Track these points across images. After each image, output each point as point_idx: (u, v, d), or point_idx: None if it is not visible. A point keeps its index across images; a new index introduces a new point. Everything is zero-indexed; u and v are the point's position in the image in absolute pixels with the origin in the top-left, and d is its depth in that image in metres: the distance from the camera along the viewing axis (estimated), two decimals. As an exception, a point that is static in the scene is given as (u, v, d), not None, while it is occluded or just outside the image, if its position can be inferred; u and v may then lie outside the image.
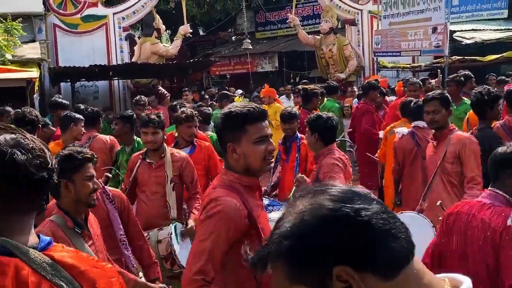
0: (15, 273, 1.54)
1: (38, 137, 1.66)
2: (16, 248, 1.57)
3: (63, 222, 3.37)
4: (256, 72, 25.44)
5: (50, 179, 1.65)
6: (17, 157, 1.56)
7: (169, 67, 18.04)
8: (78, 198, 3.49)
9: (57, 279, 1.57)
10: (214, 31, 28.96)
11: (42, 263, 1.58)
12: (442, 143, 5.21)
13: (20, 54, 14.10)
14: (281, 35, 26.67)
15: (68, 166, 3.43)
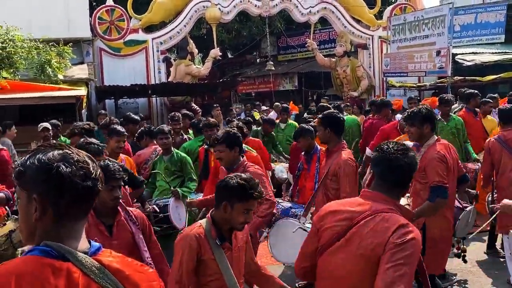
0: (67, 276, 1.55)
1: None
2: (69, 253, 1.58)
3: (209, 231, 3.32)
4: (278, 91, 25.49)
5: (95, 187, 1.65)
6: (62, 169, 1.59)
7: (200, 86, 18.18)
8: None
9: (105, 282, 1.58)
10: (241, 54, 29.11)
11: (92, 267, 1.58)
12: (329, 159, 5.23)
13: (70, 75, 14.37)
14: (300, 57, 26.71)
15: None
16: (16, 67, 12.09)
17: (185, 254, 3.25)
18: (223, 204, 3.29)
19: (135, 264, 1.73)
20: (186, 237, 3.30)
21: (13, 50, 11.69)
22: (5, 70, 11.88)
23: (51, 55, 13.03)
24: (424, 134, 4.98)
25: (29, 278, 1.51)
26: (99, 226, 3.63)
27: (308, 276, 3.01)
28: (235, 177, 3.34)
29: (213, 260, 3.28)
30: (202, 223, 3.38)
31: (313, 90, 25.81)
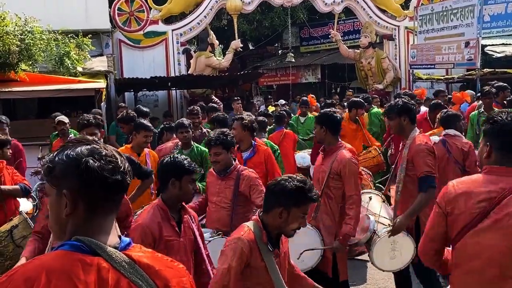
0: (97, 271, 1.58)
1: None
2: (99, 248, 1.61)
3: (260, 235, 3.22)
4: (300, 83, 25.39)
5: (124, 181, 1.69)
6: (90, 164, 1.63)
7: (221, 79, 18.18)
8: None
9: (134, 277, 1.61)
10: (262, 45, 29.03)
11: (122, 262, 1.61)
12: (328, 157, 5.18)
13: (89, 67, 14.47)
14: (323, 49, 26.54)
15: None
16: (34, 59, 12.19)
17: (235, 259, 3.14)
18: (279, 211, 3.15)
19: (165, 259, 1.76)
20: (237, 241, 3.18)
21: (31, 42, 11.79)
22: (24, 62, 11.99)
23: (70, 47, 13.12)
24: (403, 126, 5.09)
25: (59, 274, 1.55)
26: (171, 221, 3.73)
27: (435, 258, 2.97)
28: (291, 180, 3.18)
29: (263, 267, 3.19)
30: (250, 226, 3.25)
31: (336, 82, 25.65)
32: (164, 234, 3.64)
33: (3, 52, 11.28)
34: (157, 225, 3.63)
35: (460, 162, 6.30)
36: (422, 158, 4.83)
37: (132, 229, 3.72)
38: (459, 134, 6.51)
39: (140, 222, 3.67)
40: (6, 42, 11.25)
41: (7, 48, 11.25)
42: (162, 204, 3.73)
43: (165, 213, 3.69)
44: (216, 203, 4.89)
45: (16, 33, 11.62)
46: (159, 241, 3.62)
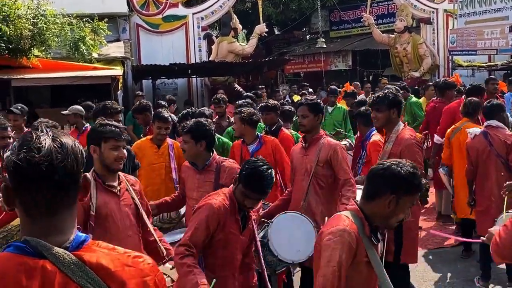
0: (42, 275, 1.53)
1: None
2: (45, 249, 1.55)
3: (362, 227, 3.01)
4: (329, 71, 25.24)
5: (49, 174, 1.56)
6: (10, 158, 1.57)
7: (244, 66, 18.16)
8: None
9: (84, 281, 1.55)
10: (289, 30, 28.92)
11: (70, 265, 1.55)
12: (314, 147, 5.27)
13: (105, 53, 14.56)
14: (355, 33, 26.34)
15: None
16: (48, 44, 12.30)
17: (344, 255, 2.88)
18: (389, 199, 2.95)
19: (126, 257, 1.68)
20: (343, 233, 2.92)
21: (45, 26, 11.89)
22: (37, 47, 12.11)
23: (85, 32, 13.20)
24: (391, 119, 5.21)
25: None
26: (237, 215, 3.94)
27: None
28: (403, 165, 3.01)
29: (366, 262, 2.98)
30: (349, 216, 3.04)
31: (369, 70, 25.45)
32: (227, 224, 3.84)
33: (14, 37, 11.41)
34: (226, 213, 3.84)
35: (503, 156, 6.20)
36: (413, 154, 4.93)
37: (199, 207, 3.88)
38: (502, 126, 6.39)
39: (211, 202, 3.83)
40: (18, 26, 11.36)
41: (19, 32, 11.37)
42: (233, 197, 3.91)
43: (233, 206, 3.89)
44: (197, 199, 4.70)
45: (28, 17, 11.73)
46: (221, 229, 3.82)
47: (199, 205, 3.91)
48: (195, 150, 4.87)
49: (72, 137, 1.69)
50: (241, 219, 3.95)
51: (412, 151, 4.99)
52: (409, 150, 4.99)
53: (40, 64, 12.23)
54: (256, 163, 3.87)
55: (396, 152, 5.02)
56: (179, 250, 3.72)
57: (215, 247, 3.87)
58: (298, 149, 5.48)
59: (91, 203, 3.74)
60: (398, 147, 5.06)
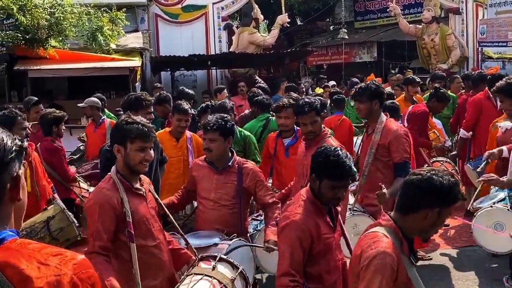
0: None
1: None
2: None
3: (401, 245, 2.88)
4: (353, 63, 25.07)
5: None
6: None
7: (266, 57, 18.12)
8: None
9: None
10: (312, 20, 28.76)
11: None
12: (315, 147, 5.08)
13: (123, 44, 14.66)
14: (380, 24, 26.10)
15: None
16: (65, 34, 12.42)
17: (385, 280, 2.77)
18: (431, 211, 2.83)
19: (44, 254, 1.62)
20: (384, 256, 2.78)
21: (62, 16, 11.99)
22: (54, 38, 12.22)
23: (103, 22, 13.29)
24: (373, 111, 5.44)
25: None
26: (326, 217, 3.69)
27: None
28: (442, 175, 2.89)
29: (407, 283, 2.88)
30: (385, 233, 2.89)
31: (395, 61, 25.19)
32: (320, 232, 3.57)
33: (31, 27, 11.52)
34: (314, 222, 3.56)
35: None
36: (401, 144, 5.25)
37: (284, 226, 3.58)
38: None
39: (295, 219, 3.52)
40: (35, 16, 11.47)
41: (36, 22, 11.48)
42: (314, 199, 3.63)
43: (318, 208, 3.63)
44: (214, 200, 4.61)
45: (45, 6, 11.85)
46: (317, 241, 3.54)
47: (282, 224, 3.60)
48: (223, 148, 4.64)
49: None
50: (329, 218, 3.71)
51: (401, 142, 5.26)
52: (397, 140, 5.25)
53: (57, 54, 12.33)
54: (326, 152, 3.60)
55: (384, 143, 5.29)
56: (283, 282, 3.43)
57: (315, 259, 3.60)
58: (303, 147, 5.34)
59: (125, 209, 3.54)
60: (386, 137, 5.29)
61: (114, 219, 3.53)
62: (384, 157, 5.33)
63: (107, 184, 3.66)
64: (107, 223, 3.50)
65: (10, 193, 1.63)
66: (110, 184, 3.64)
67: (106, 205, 3.53)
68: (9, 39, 11.69)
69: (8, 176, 1.61)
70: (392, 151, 5.28)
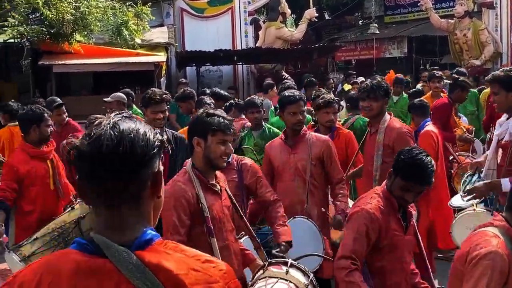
0: (100, 275, 1.51)
1: None
2: (106, 247, 1.53)
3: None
4: (383, 58, 24.89)
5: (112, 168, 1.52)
6: (75, 146, 1.54)
7: (293, 52, 18.06)
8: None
9: (141, 283, 1.50)
10: (340, 15, 28.60)
11: (129, 265, 1.51)
12: (301, 143, 5.12)
13: (148, 38, 14.71)
14: (411, 19, 25.86)
15: None
16: (90, 29, 12.47)
17: (493, 283, 2.62)
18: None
19: (193, 260, 1.60)
20: (494, 256, 2.63)
21: (87, 10, 12.05)
22: (79, 32, 12.29)
23: (128, 16, 13.34)
24: (383, 109, 5.36)
25: (54, 278, 1.51)
26: (397, 214, 3.66)
27: None
28: None
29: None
30: (496, 233, 2.74)
31: (426, 57, 24.95)
32: (389, 227, 3.56)
33: (56, 22, 11.60)
34: (385, 216, 3.56)
35: None
36: (406, 143, 5.05)
37: (353, 213, 3.63)
38: None
39: (367, 208, 3.55)
40: (60, 10, 11.54)
41: (61, 17, 11.55)
42: (389, 194, 3.63)
43: (391, 205, 3.61)
44: None
45: (70, 1, 11.91)
46: (385, 234, 3.54)
47: (352, 212, 3.66)
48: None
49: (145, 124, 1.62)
50: (401, 218, 3.67)
51: (406, 140, 5.12)
52: (402, 138, 5.13)
53: (82, 49, 12.41)
54: (412, 152, 3.58)
55: (388, 143, 5.18)
56: (344, 264, 3.42)
57: (381, 252, 3.60)
58: (278, 145, 5.21)
59: (201, 204, 3.51)
60: (390, 137, 5.19)
61: (189, 213, 3.51)
62: (388, 157, 5.10)
63: (182, 177, 3.63)
64: (183, 217, 3.49)
65: (151, 190, 1.61)
66: (186, 178, 3.61)
67: (181, 199, 3.51)
68: (34, 33, 11.81)
69: (150, 172, 1.58)
70: (397, 151, 5.17)
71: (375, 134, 5.31)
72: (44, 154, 5.47)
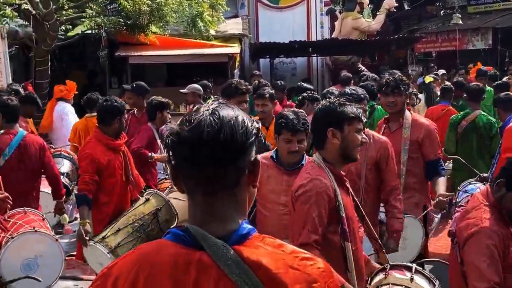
0: (197, 269, 1.49)
1: None
2: (204, 240, 1.50)
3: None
4: (465, 50, 24.24)
5: (212, 153, 1.51)
6: (172, 132, 1.55)
7: (370, 44, 17.88)
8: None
9: (240, 280, 1.47)
10: (420, 5, 28.01)
11: (227, 260, 1.48)
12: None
13: (222, 30, 14.88)
14: (496, 9, 25.05)
15: None
16: (166, 20, 12.74)
17: None
18: None
19: (292, 258, 1.56)
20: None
21: (163, 2, 12.30)
22: (154, 24, 12.57)
23: (203, 7, 13.54)
24: (405, 105, 5.38)
25: (150, 270, 1.51)
26: (507, 219, 3.41)
27: None
28: None
29: None
30: None
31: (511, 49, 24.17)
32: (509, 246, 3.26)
33: (133, 13, 11.91)
34: (503, 231, 3.26)
35: None
36: (435, 140, 5.21)
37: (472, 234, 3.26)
38: None
39: (485, 226, 3.24)
40: (137, 1, 11.84)
41: (138, 7, 11.85)
42: (495, 203, 3.37)
43: (502, 216, 3.35)
44: (285, 205, 4.15)
45: (147, -9, 12.20)
46: (507, 252, 3.23)
47: (469, 232, 3.26)
48: (304, 147, 4.34)
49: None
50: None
51: (434, 137, 5.21)
52: (431, 136, 5.19)
53: (158, 41, 12.69)
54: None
55: (417, 138, 5.16)
56: None
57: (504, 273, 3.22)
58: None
59: (338, 202, 3.31)
60: (418, 133, 5.17)
61: (328, 211, 3.32)
62: (414, 153, 5.19)
63: (320, 171, 3.42)
64: (323, 215, 3.29)
65: (248, 178, 1.60)
66: (323, 172, 3.40)
67: (324, 194, 3.31)
68: (111, 24, 12.18)
69: (248, 159, 1.57)
70: (426, 148, 5.18)
71: (399, 130, 5.22)
72: (119, 146, 5.59)
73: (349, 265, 3.26)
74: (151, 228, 5.03)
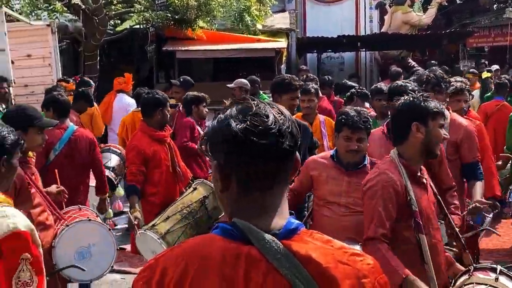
0: (247, 263, 1.49)
1: None
2: (253, 234, 1.50)
3: None
4: (519, 45, 23.72)
5: (277, 145, 1.50)
6: (232, 126, 1.51)
7: (421, 38, 17.67)
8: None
9: (291, 274, 1.47)
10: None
11: (277, 254, 1.48)
12: None
13: (269, 24, 14.88)
14: (553, 2, 24.44)
15: None
16: (213, 15, 12.79)
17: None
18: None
19: (341, 253, 1.55)
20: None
21: (211, -4, 12.38)
22: (202, 18, 12.64)
23: (250, 2, 13.56)
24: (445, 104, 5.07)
25: (200, 265, 1.51)
26: None
27: None
28: None
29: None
30: None
31: None
32: None
33: (181, 7, 12.01)
34: None
35: None
36: (474, 142, 4.95)
37: None
38: None
39: None
40: (185, -4, 11.95)
41: (185, 2, 11.94)
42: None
43: None
44: (347, 206, 4.14)
45: (194, -14, 12.28)
46: None
47: None
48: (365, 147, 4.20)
49: None
50: None
51: (474, 139, 4.96)
52: (470, 138, 4.93)
53: (205, 35, 12.77)
54: None
55: (456, 140, 4.86)
56: None
57: None
58: (378, 139, 4.74)
59: (410, 197, 3.33)
60: (457, 134, 4.87)
61: (396, 206, 3.31)
62: (452, 155, 4.84)
63: (389, 166, 3.45)
64: (390, 209, 3.31)
65: (291, 174, 1.61)
66: (393, 167, 3.43)
67: (390, 188, 3.32)
68: (159, 19, 12.31)
69: (294, 156, 1.59)
70: (464, 150, 4.90)
71: None
72: (164, 137, 5.71)
73: (426, 257, 3.29)
74: (199, 215, 5.14)
